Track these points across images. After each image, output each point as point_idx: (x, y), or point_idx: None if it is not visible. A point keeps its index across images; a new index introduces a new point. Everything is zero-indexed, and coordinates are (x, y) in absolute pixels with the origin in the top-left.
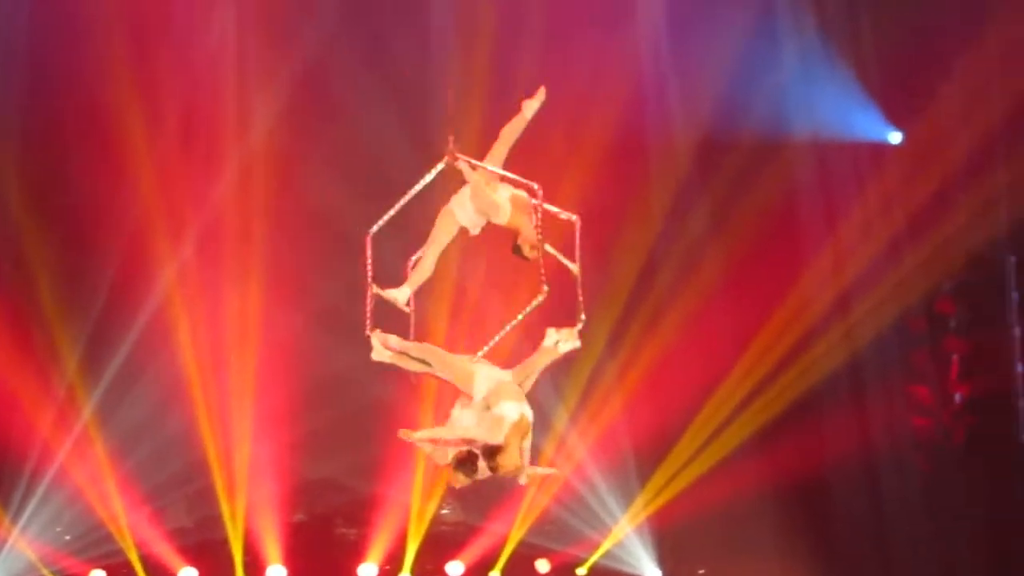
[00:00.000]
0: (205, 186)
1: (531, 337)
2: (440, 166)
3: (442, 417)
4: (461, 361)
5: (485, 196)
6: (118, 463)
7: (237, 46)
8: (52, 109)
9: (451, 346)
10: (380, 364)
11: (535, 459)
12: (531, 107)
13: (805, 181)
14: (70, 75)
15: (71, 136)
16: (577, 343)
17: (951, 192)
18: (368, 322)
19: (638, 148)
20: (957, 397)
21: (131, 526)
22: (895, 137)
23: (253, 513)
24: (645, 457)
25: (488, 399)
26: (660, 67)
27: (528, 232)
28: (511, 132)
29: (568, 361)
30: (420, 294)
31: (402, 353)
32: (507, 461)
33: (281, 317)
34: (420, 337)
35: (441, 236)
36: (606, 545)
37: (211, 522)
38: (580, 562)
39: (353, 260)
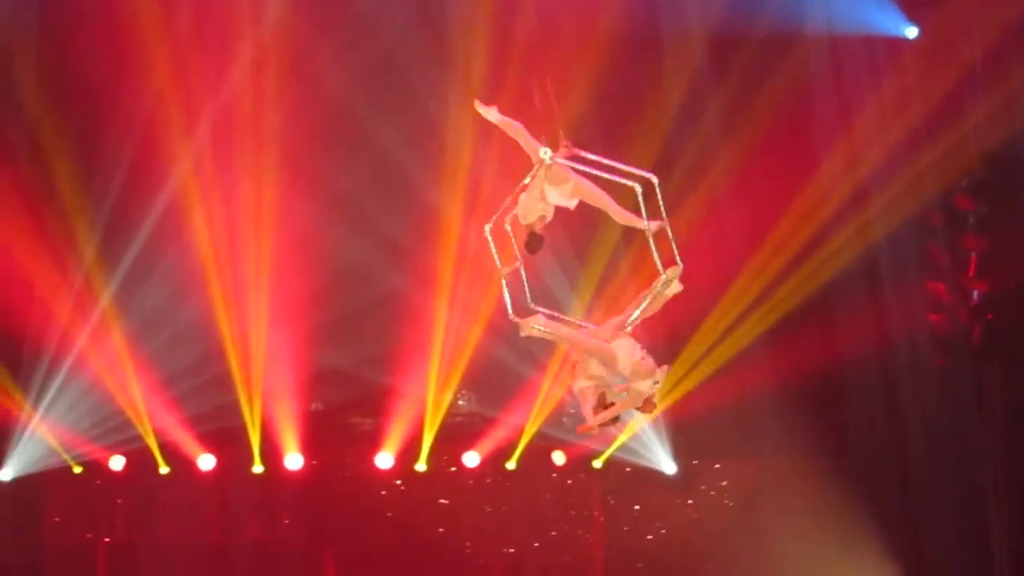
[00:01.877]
0: (219, 75)
1: None
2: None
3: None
4: (600, 344)
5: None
6: (136, 350)
7: None
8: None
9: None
10: (394, 254)
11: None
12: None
13: (820, 75)
14: None
15: (86, 27)
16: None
17: (968, 88)
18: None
19: (652, 42)
20: (975, 294)
21: (149, 413)
22: (911, 32)
23: (270, 401)
24: (660, 351)
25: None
26: None
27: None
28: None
29: (582, 254)
30: None
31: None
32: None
33: (296, 206)
34: None
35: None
36: (622, 438)
37: (228, 409)
38: (596, 455)
39: (365, 150)
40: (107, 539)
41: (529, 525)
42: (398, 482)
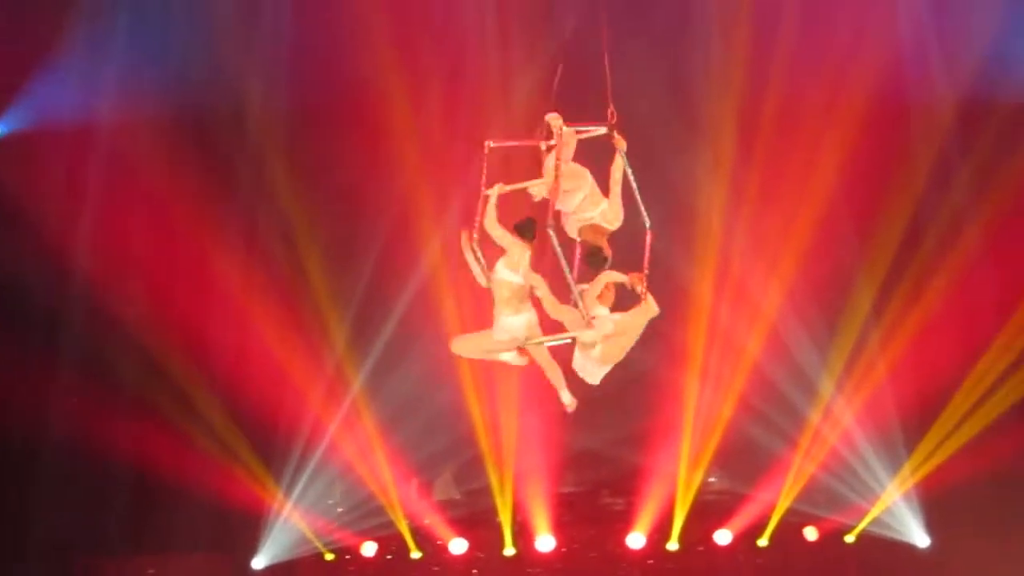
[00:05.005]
0: (468, 160)
1: None
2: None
3: (713, 388)
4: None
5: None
6: (387, 436)
7: (497, 20)
8: (316, 88)
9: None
10: (646, 332)
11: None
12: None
13: None
14: (333, 55)
15: (335, 115)
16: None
17: None
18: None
19: (898, 112)
20: None
21: (401, 499)
22: None
23: (521, 484)
24: (911, 423)
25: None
26: (920, 32)
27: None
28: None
29: (832, 328)
30: None
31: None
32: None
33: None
34: None
35: None
36: (874, 512)
37: (480, 494)
38: (848, 529)
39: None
40: None
41: None
42: (650, 562)
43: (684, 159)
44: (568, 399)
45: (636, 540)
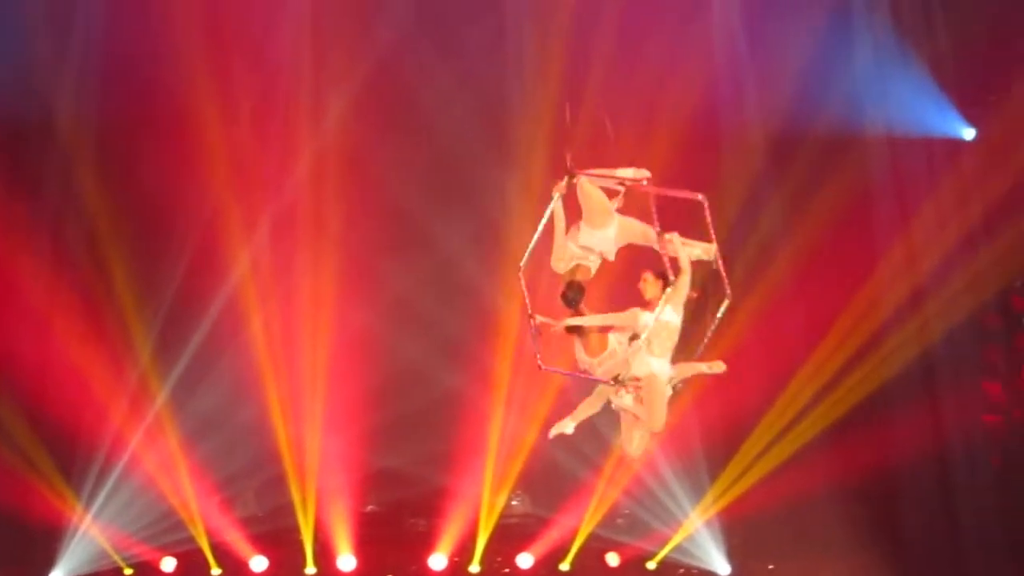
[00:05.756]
0: (279, 177)
1: None
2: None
3: (519, 411)
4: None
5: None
6: (190, 452)
7: (312, 40)
8: (127, 101)
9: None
10: (451, 354)
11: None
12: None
13: (878, 176)
14: (146, 68)
15: (146, 128)
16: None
17: None
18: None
19: (711, 142)
20: None
21: (202, 514)
22: (968, 133)
23: (324, 503)
24: (715, 451)
25: None
26: (734, 61)
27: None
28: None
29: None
30: None
31: None
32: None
33: (353, 308)
34: None
35: None
36: (676, 539)
37: (282, 511)
38: (650, 556)
39: (424, 249)
40: None
41: None
42: None
43: (493, 181)
44: (571, 430)
45: (438, 561)
